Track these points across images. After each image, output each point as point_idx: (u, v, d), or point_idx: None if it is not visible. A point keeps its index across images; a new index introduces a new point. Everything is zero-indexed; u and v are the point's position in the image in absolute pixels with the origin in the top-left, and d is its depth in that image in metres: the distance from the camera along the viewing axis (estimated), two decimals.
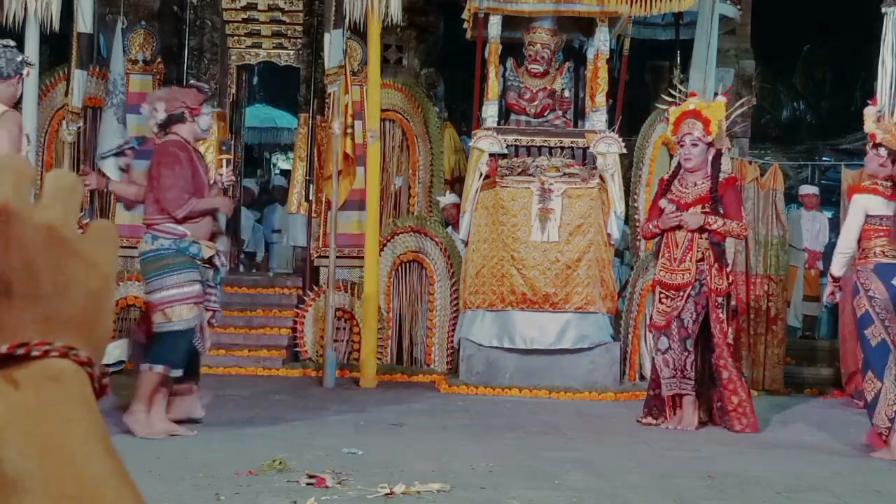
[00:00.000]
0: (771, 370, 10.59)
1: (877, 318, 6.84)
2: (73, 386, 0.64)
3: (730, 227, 7.59)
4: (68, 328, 0.65)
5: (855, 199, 7.04)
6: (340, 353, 10.43)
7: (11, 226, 0.64)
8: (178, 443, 6.29)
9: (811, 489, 5.52)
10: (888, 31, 7.70)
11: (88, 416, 0.64)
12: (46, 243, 0.65)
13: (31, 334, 0.64)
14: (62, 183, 0.69)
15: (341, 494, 4.90)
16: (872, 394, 6.80)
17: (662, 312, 7.70)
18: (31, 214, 0.65)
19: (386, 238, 10.63)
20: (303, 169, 11.77)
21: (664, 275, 7.70)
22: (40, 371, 0.63)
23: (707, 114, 7.65)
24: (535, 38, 10.28)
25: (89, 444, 0.63)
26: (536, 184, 9.88)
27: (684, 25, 11.94)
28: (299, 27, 12.51)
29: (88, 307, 0.67)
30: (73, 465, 0.61)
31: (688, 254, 7.63)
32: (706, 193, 7.65)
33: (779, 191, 10.85)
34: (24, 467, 0.60)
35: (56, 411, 0.62)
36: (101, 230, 0.70)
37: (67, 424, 0.62)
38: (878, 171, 7.01)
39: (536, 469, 5.78)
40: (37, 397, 0.62)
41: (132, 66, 11.33)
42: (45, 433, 0.61)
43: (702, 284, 7.60)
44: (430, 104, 11.63)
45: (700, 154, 7.68)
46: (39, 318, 0.64)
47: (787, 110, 23.32)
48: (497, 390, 9.47)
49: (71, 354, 0.64)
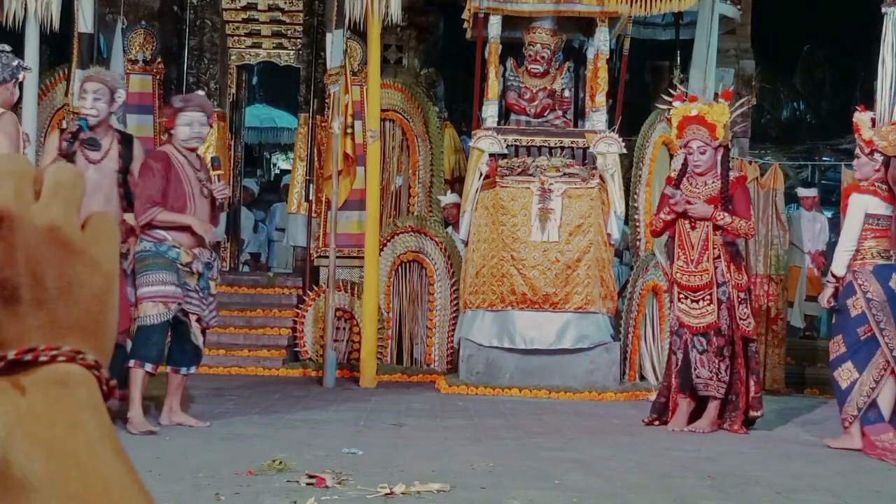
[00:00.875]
0: (771, 370, 10.60)
1: (872, 320, 6.91)
2: (80, 390, 0.64)
3: (738, 225, 7.55)
4: (74, 332, 0.65)
5: (856, 198, 7.05)
6: (340, 353, 10.44)
7: (15, 231, 0.64)
8: (178, 443, 6.29)
9: (811, 489, 5.52)
10: (888, 31, 7.71)
11: (96, 419, 0.64)
12: (50, 246, 0.65)
13: (37, 340, 0.64)
14: (62, 178, 0.68)
15: (341, 494, 4.89)
16: (847, 382, 6.96)
17: (694, 314, 7.61)
18: (32, 217, 0.65)
19: (386, 238, 10.64)
20: (303, 169, 11.77)
21: (682, 276, 7.62)
22: (48, 376, 0.63)
23: (711, 119, 7.61)
24: (535, 38, 10.28)
25: (96, 446, 0.63)
26: (536, 184, 9.88)
27: (684, 25, 11.94)
28: (299, 27, 12.51)
29: (93, 309, 0.66)
30: (79, 467, 0.61)
31: (704, 253, 7.58)
32: (717, 193, 7.62)
33: (779, 191, 10.85)
34: (31, 469, 0.60)
35: (63, 415, 0.63)
36: (100, 225, 0.69)
37: (74, 428, 0.63)
38: (870, 175, 7.05)
39: (536, 469, 5.78)
40: (45, 402, 0.63)
41: (132, 66, 11.34)
42: (52, 436, 0.62)
43: (729, 287, 7.56)
44: (430, 104, 11.63)
45: (709, 159, 7.67)
46: (45, 322, 0.64)
47: (787, 110, 23.33)
48: (497, 390, 9.47)
49: (78, 359, 0.65)
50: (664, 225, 7.78)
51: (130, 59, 11.32)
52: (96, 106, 6.74)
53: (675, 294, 7.73)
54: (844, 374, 7.00)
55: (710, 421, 7.57)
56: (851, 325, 7.01)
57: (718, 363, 7.53)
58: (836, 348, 7.12)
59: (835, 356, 7.13)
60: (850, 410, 6.98)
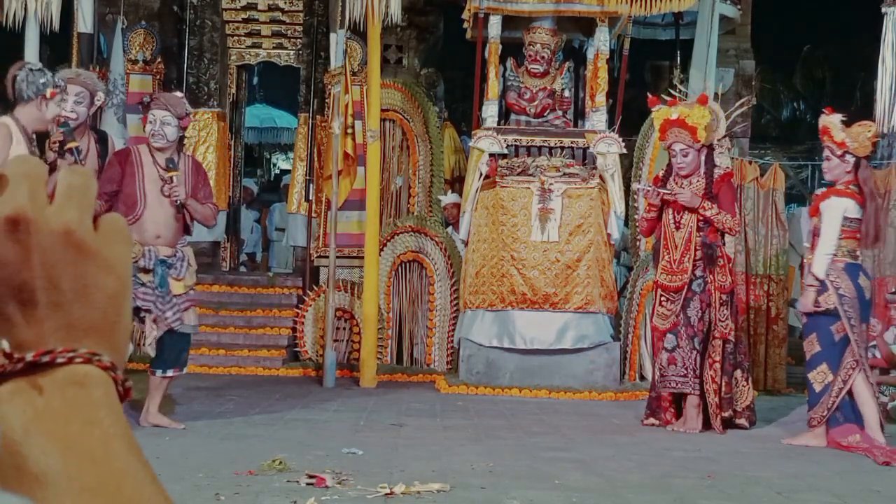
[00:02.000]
0: (772, 370, 10.60)
1: (844, 316, 7.03)
2: (96, 390, 0.65)
3: (723, 219, 7.58)
4: (90, 334, 0.66)
5: (835, 202, 7.12)
6: (340, 353, 10.43)
7: (31, 235, 0.65)
8: (178, 443, 6.29)
9: (811, 489, 5.52)
10: (888, 31, 7.73)
11: (111, 417, 0.65)
12: (65, 249, 0.66)
13: (55, 342, 0.65)
14: (75, 180, 0.69)
15: (341, 494, 4.89)
16: (821, 385, 7.07)
17: (663, 315, 7.69)
18: (48, 220, 0.66)
19: (386, 238, 10.63)
20: (303, 169, 11.77)
21: (664, 277, 7.69)
22: (65, 377, 0.65)
23: (692, 121, 7.63)
24: (535, 38, 10.28)
25: (111, 442, 0.64)
26: (536, 184, 9.88)
27: (684, 25, 11.95)
28: (299, 27, 12.51)
29: (108, 311, 0.67)
30: (93, 461, 0.63)
31: (686, 254, 7.62)
32: (702, 192, 7.65)
33: (779, 191, 10.85)
34: (47, 464, 0.62)
35: (79, 413, 0.64)
36: (113, 227, 0.70)
37: (90, 425, 0.64)
38: (841, 177, 7.12)
39: (536, 469, 5.78)
40: (62, 401, 0.64)
41: (132, 66, 11.34)
42: (67, 433, 0.63)
43: (705, 282, 7.59)
44: (430, 104, 11.63)
45: (692, 161, 7.71)
46: (62, 325, 0.65)
47: (787, 110, 23.32)
48: (497, 390, 9.47)
49: (94, 360, 0.66)
50: (649, 224, 7.87)
51: (130, 59, 11.32)
52: (77, 109, 6.66)
53: (657, 298, 7.78)
54: (819, 376, 7.10)
55: (692, 419, 7.57)
56: (824, 323, 7.10)
57: (693, 357, 7.54)
58: (811, 347, 7.18)
59: (810, 356, 7.19)
60: (819, 412, 7.09)
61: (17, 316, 0.65)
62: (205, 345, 10.68)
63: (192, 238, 12.27)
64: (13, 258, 0.65)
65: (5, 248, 0.65)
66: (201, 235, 12.02)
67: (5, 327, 0.65)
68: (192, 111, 7.86)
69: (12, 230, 0.65)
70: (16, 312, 0.65)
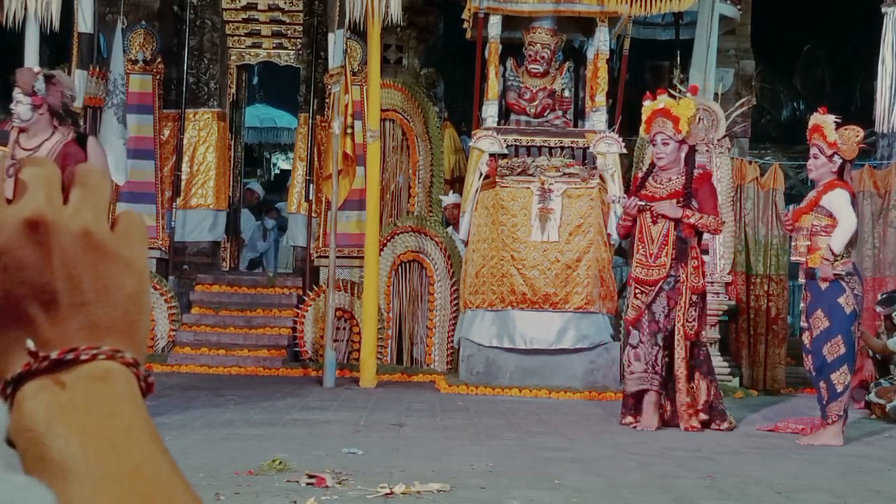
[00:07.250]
0: (772, 370, 10.61)
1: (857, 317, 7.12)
2: (119, 384, 0.67)
3: (707, 222, 7.57)
4: (112, 332, 0.67)
5: (842, 192, 7.10)
6: (340, 353, 10.44)
7: (51, 237, 0.66)
8: (178, 443, 6.29)
9: (811, 489, 5.52)
10: (888, 30, 7.74)
11: (132, 409, 0.67)
12: (84, 249, 0.67)
13: (78, 341, 0.66)
14: (91, 181, 0.69)
15: (341, 494, 4.89)
16: (842, 386, 7.10)
17: (636, 307, 7.67)
18: (66, 222, 0.67)
19: (386, 238, 10.64)
20: (303, 169, 11.77)
21: (640, 271, 7.66)
22: (88, 372, 0.66)
23: (676, 112, 7.63)
24: (535, 38, 10.28)
25: (131, 431, 0.66)
26: (536, 184, 9.88)
27: (684, 25, 11.94)
28: (299, 27, 12.51)
29: (129, 309, 0.68)
30: (113, 449, 0.64)
31: (663, 248, 7.59)
32: (680, 189, 7.62)
33: (779, 191, 10.85)
34: (69, 452, 0.64)
35: (101, 406, 0.66)
36: (130, 224, 0.70)
37: (111, 416, 0.66)
38: (826, 176, 7.14)
39: (536, 469, 5.78)
40: (84, 395, 0.65)
41: (132, 65, 11.34)
42: (88, 423, 0.65)
43: (676, 280, 7.57)
44: (430, 104, 11.64)
45: (672, 152, 7.66)
46: (85, 325, 0.67)
47: (787, 110, 23.31)
48: (497, 390, 9.47)
49: (117, 357, 0.67)
50: (626, 229, 7.86)
51: (130, 59, 11.32)
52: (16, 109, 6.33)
53: (631, 291, 7.76)
54: (842, 377, 7.09)
55: (647, 416, 7.55)
56: (847, 324, 7.09)
57: (654, 354, 7.51)
58: (836, 349, 7.14)
59: (834, 357, 7.14)
60: (836, 409, 7.11)
61: (40, 316, 0.66)
62: (205, 345, 10.69)
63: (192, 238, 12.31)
64: (35, 260, 0.66)
65: (27, 250, 0.66)
66: (202, 235, 12.04)
67: (30, 328, 0.66)
68: (53, 89, 6.37)
69: (33, 232, 0.66)
70: (39, 313, 0.66)
